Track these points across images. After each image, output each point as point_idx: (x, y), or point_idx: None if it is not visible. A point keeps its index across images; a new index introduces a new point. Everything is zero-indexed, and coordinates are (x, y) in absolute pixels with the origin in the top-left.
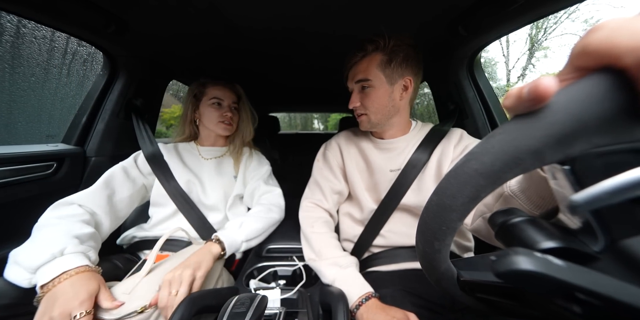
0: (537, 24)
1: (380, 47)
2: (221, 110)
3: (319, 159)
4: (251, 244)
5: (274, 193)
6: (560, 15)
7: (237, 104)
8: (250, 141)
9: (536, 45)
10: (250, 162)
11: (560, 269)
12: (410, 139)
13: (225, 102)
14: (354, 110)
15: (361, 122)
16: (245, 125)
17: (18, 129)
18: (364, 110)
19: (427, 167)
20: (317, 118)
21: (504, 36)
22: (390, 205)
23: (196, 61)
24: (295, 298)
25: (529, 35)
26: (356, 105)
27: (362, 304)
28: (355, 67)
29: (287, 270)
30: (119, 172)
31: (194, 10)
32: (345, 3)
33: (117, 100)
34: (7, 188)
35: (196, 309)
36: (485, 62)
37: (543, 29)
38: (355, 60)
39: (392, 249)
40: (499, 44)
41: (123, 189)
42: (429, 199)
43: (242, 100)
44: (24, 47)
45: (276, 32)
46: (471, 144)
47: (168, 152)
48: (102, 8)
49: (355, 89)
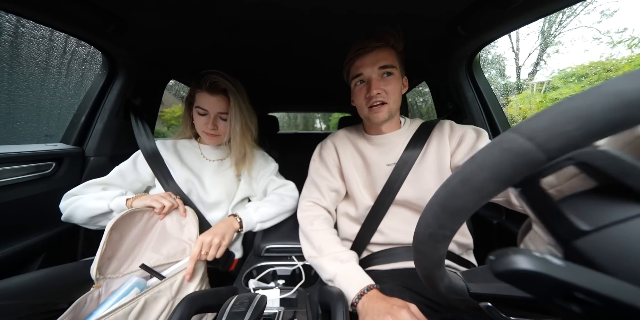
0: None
1: (398, 43)
2: (204, 119)
3: (315, 159)
4: (264, 226)
5: (288, 186)
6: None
7: (226, 115)
8: (252, 142)
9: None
10: (255, 162)
11: (559, 269)
12: (403, 133)
13: (211, 112)
14: (369, 99)
15: (380, 112)
16: (239, 137)
17: (17, 129)
18: (386, 99)
19: (424, 160)
20: (319, 118)
21: (506, 35)
22: (387, 199)
23: (195, 61)
24: (294, 298)
25: (540, 30)
26: (380, 91)
27: (363, 294)
28: (376, 53)
29: (286, 270)
30: (115, 176)
31: (194, 10)
32: (345, 3)
33: (116, 99)
34: (6, 188)
35: (195, 308)
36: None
37: (557, 22)
38: (377, 45)
39: (390, 248)
40: (508, 39)
41: (120, 190)
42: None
43: (232, 110)
44: (22, 46)
45: (276, 32)
46: (465, 133)
47: (166, 149)
48: (101, 8)
49: (375, 76)
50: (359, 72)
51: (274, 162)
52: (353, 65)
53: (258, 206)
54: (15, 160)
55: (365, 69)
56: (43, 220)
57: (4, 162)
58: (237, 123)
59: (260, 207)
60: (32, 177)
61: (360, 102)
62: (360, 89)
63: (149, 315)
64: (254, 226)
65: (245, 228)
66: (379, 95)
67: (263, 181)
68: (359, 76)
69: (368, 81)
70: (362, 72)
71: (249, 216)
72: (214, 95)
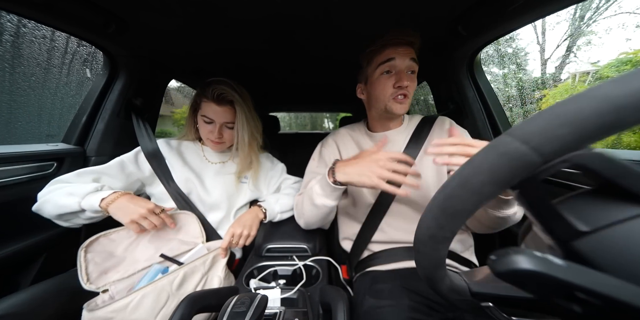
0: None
1: (418, 46)
2: (210, 127)
3: (315, 158)
4: (284, 216)
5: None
6: None
7: (233, 123)
8: (258, 150)
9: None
10: (261, 167)
11: (560, 269)
12: (404, 130)
13: (217, 121)
14: (397, 90)
15: (403, 104)
16: (247, 147)
17: (18, 129)
18: (409, 93)
19: (425, 156)
20: (327, 117)
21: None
22: (389, 196)
23: (196, 60)
24: (295, 297)
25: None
26: (408, 84)
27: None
28: (407, 47)
29: (287, 270)
30: (115, 165)
31: (194, 10)
32: (346, 2)
33: (117, 99)
34: (7, 187)
35: (196, 308)
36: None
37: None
38: (410, 40)
39: (390, 248)
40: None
41: (114, 180)
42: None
43: (239, 121)
44: (24, 46)
45: (277, 31)
46: (464, 133)
47: (170, 149)
48: (102, 8)
49: (404, 68)
50: (392, 57)
51: (279, 162)
52: (385, 51)
53: (278, 198)
54: (16, 160)
55: (398, 56)
56: (44, 220)
57: (5, 162)
58: (245, 133)
59: (280, 199)
60: (33, 177)
61: (384, 92)
62: (387, 78)
63: (188, 286)
64: (275, 216)
65: (269, 218)
66: (407, 87)
67: (275, 181)
68: (389, 61)
69: (398, 72)
70: (395, 57)
71: (272, 207)
72: (220, 106)
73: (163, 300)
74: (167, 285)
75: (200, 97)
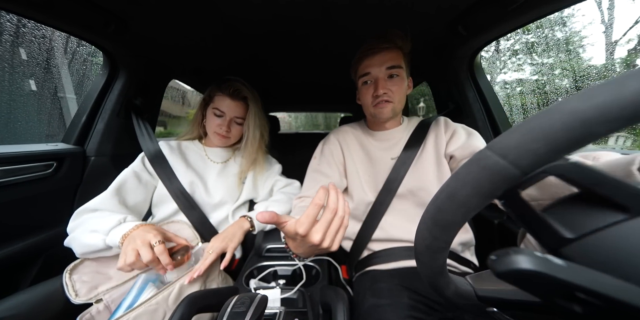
0: None
1: (405, 44)
2: (219, 121)
3: (316, 156)
4: (274, 225)
5: (294, 185)
6: None
7: (242, 119)
8: (264, 148)
9: None
10: (258, 164)
11: (560, 269)
12: (404, 129)
13: (227, 115)
14: (375, 98)
15: (384, 109)
16: (257, 143)
17: (18, 129)
18: (391, 98)
19: (423, 152)
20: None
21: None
22: (390, 191)
23: (196, 60)
24: (295, 298)
25: None
26: (386, 91)
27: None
28: (384, 54)
29: (287, 270)
30: (130, 178)
31: (194, 9)
32: (347, 2)
33: (117, 99)
34: (6, 188)
35: (196, 308)
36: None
37: None
38: (386, 46)
39: (390, 248)
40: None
41: (136, 195)
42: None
43: (251, 117)
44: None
45: (277, 31)
46: (457, 128)
47: (171, 150)
48: (102, 7)
49: (382, 76)
50: (367, 72)
51: (277, 163)
52: (361, 65)
53: (267, 206)
54: (16, 160)
55: (372, 68)
56: (44, 220)
57: (4, 162)
58: (256, 130)
59: (270, 207)
60: (33, 177)
61: (367, 101)
62: (367, 88)
63: None
64: (265, 225)
65: (258, 228)
66: (385, 94)
67: (269, 182)
68: (366, 75)
69: (375, 81)
70: (370, 71)
71: None
72: (234, 101)
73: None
74: (163, 301)
75: (215, 91)
